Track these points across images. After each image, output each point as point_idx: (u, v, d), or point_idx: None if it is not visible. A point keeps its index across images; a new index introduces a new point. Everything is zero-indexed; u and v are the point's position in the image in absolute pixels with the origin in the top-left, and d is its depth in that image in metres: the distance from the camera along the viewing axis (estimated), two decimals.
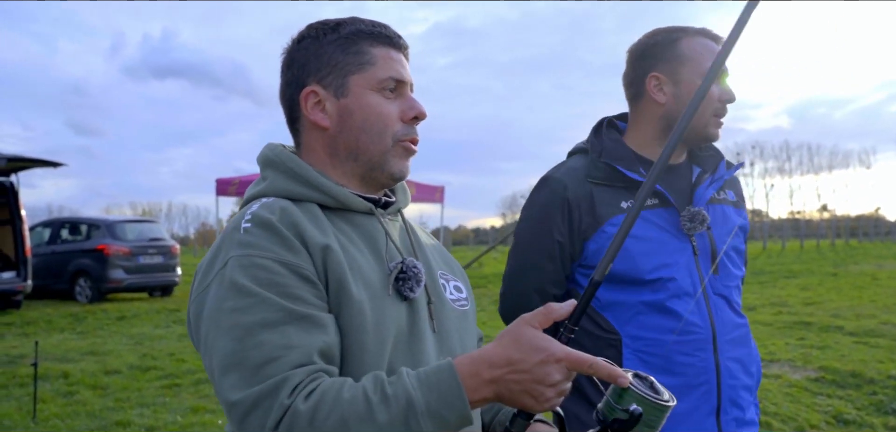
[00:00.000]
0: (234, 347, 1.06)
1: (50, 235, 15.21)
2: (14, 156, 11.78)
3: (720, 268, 1.86)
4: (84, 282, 14.05)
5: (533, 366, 1.06)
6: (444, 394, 1.04)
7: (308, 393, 1.03)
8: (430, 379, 1.05)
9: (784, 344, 8.25)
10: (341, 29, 1.29)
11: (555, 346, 1.08)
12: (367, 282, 1.20)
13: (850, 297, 13.01)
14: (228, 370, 1.06)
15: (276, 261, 1.12)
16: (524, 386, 1.07)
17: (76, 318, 11.36)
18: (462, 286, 1.44)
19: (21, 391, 6.35)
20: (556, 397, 1.09)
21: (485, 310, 11.35)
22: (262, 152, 1.33)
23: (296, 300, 1.10)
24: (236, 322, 1.07)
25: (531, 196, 1.99)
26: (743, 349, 1.89)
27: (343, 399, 1.02)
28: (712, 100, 1.81)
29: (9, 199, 12.30)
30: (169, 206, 74.60)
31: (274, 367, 1.04)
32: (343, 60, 1.28)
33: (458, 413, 1.04)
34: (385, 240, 1.28)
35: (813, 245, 39.02)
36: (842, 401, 5.91)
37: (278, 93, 1.35)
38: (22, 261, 12.13)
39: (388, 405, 1.02)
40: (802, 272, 19.52)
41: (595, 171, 1.87)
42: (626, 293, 1.83)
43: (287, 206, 1.19)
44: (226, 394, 1.05)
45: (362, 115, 1.27)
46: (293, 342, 1.06)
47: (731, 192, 1.99)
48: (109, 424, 5.42)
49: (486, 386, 1.07)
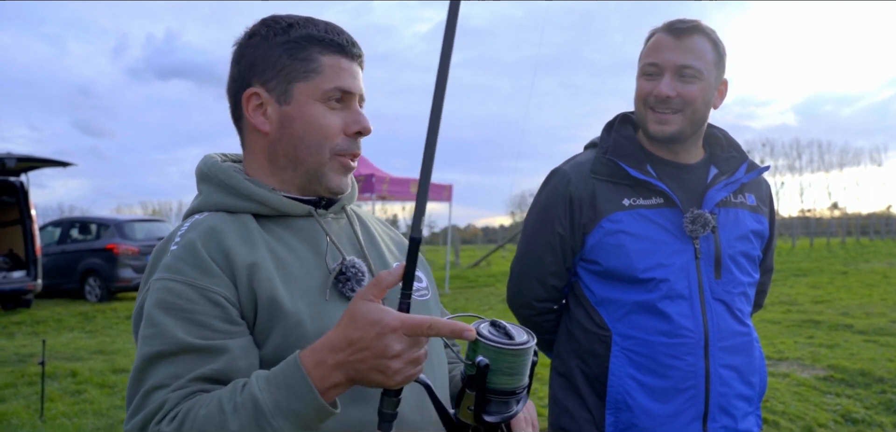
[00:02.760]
0: (134, 374, 1.11)
1: (60, 235, 15.29)
2: (24, 156, 11.84)
3: (724, 273, 1.83)
4: (94, 281, 14.12)
5: (371, 342, 1.01)
6: (291, 390, 1.02)
7: (174, 415, 1.04)
8: (278, 377, 1.04)
9: (793, 343, 8.20)
10: (292, 31, 1.25)
11: (388, 316, 1.02)
12: (305, 290, 1.19)
13: (860, 296, 12.92)
14: (129, 400, 1.11)
15: (188, 285, 1.13)
16: (369, 364, 1.02)
17: (86, 317, 11.42)
18: (422, 275, 1.40)
19: (29, 389, 6.39)
20: (408, 366, 1.03)
21: (494, 308, 11.34)
22: (198, 166, 1.32)
23: (197, 327, 1.12)
24: (141, 350, 1.12)
25: (540, 188, 2.01)
26: (741, 357, 1.85)
27: (199, 416, 1.03)
28: None
29: (19, 199, 12.38)
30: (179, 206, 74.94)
31: (158, 394, 1.07)
32: (289, 65, 1.24)
33: (311, 406, 1.02)
34: (326, 242, 1.26)
35: (823, 243, 38.76)
36: (850, 400, 5.87)
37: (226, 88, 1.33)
38: (32, 260, 12.20)
39: (238, 413, 1.02)
40: (812, 270, 19.40)
41: (599, 167, 1.88)
42: (621, 291, 1.83)
43: (216, 225, 1.19)
44: (125, 424, 1.10)
45: (303, 125, 1.24)
46: (180, 371, 1.09)
47: (751, 196, 1.94)
48: (116, 423, 5.44)
49: (333, 372, 1.03)
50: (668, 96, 1.79)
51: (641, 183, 1.83)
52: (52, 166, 12.87)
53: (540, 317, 2.01)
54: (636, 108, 1.89)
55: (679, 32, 1.80)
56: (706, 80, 1.81)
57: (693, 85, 1.80)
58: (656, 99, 1.81)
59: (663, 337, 1.77)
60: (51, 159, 12.63)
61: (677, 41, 1.80)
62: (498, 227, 64.11)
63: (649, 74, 1.83)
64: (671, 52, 1.80)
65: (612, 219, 1.83)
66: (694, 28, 1.81)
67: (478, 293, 14.93)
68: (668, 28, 1.82)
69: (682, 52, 1.79)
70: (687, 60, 1.79)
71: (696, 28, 1.81)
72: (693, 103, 1.80)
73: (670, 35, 1.81)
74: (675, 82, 1.79)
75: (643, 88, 1.84)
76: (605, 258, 1.83)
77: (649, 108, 1.83)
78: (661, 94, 1.79)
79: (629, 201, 1.83)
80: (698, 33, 1.81)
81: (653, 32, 1.87)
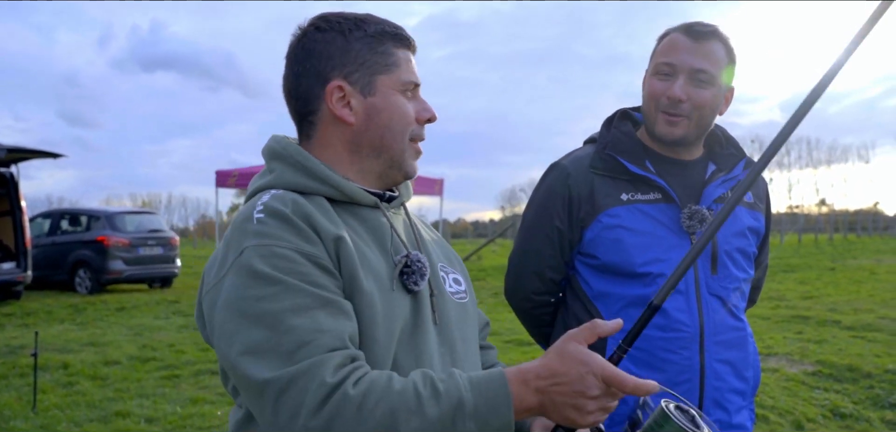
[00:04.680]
0: (265, 334, 1.06)
1: (50, 226, 15.21)
2: (14, 147, 11.75)
3: (720, 269, 1.84)
4: (84, 273, 14.06)
5: (574, 379, 1.08)
6: (492, 400, 1.07)
7: (357, 379, 1.05)
8: (482, 383, 1.08)
9: (782, 338, 8.27)
10: (366, 27, 1.30)
11: (595, 361, 1.09)
12: (376, 274, 1.21)
13: (848, 292, 13.02)
14: (257, 355, 1.05)
15: (295, 251, 1.13)
16: (567, 398, 1.08)
17: (76, 309, 11.38)
18: (461, 278, 1.45)
19: (21, 381, 6.37)
20: (599, 412, 1.10)
21: (484, 302, 11.37)
22: (268, 144, 1.33)
23: (320, 287, 1.11)
24: (263, 309, 1.07)
25: (539, 181, 2.02)
26: (736, 352, 1.87)
27: (393, 390, 1.04)
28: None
29: (9, 190, 12.30)
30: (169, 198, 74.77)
31: (308, 350, 1.05)
32: (371, 59, 1.29)
33: (502, 419, 1.07)
34: (390, 234, 1.29)
35: (811, 239, 39.01)
36: (839, 395, 5.94)
37: (285, 82, 1.34)
38: (22, 251, 12.13)
39: (439, 401, 1.05)
40: (800, 266, 19.53)
41: (598, 162, 1.88)
42: (618, 285, 1.84)
43: (298, 199, 1.20)
44: (255, 374, 1.04)
45: (388, 114, 1.29)
46: (324, 326, 1.07)
47: (748, 194, 1.94)
48: (109, 415, 5.44)
49: (531, 396, 1.09)
50: (680, 99, 1.78)
51: (640, 178, 1.84)
52: (43, 157, 12.79)
53: (537, 310, 2.02)
54: (645, 106, 1.88)
55: (697, 36, 1.79)
56: (718, 86, 1.81)
57: (706, 90, 1.79)
58: (668, 100, 1.80)
59: (659, 331, 1.78)
60: (41, 150, 12.54)
61: (695, 44, 1.78)
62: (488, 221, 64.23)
63: (663, 74, 1.81)
64: (688, 55, 1.79)
65: (611, 213, 1.84)
66: (712, 33, 1.80)
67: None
68: (687, 30, 1.80)
69: (699, 56, 1.78)
70: (703, 65, 1.78)
71: (714, 33, 1.80)
72: (702, 109, 1.80)
73: (688, 37, 1.79)
74: (689, 86, 1.78)
75: (656, 88, 1.83)
76: (603, 252, 1.84)
77: (660, 109, 1.82)
78: (674, 96, 1.78)
79: (627, 196, 1.84)
80: (716, 39, 1.80)
81: (668, 32, 1.85)
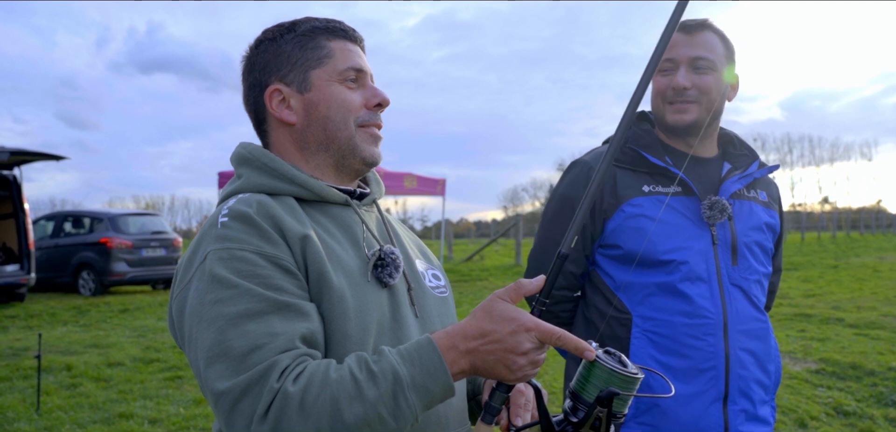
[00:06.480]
0: (218, 338, 1.08)
1: (53, 228, 15.23)
2: (17, 150, 11.77)
3: (740, 260, 1.90)
4: (87, 274, 14.08)
5: (505, 336, 1.10)
6: (426, 368, 1.08)
7: (296, 375, 1.05)
8: (412, 354, 1.09)
9: (785, 337, 8.26)
10: (297, 28, 1.33)
11: (524, 316, 1.11)
12: (347, 270, 1.23)
13: (851, 289, 13.01)
14: (213, 361, 1.07)
15: (256, 253, 1.14)
16: (498, 357, 1.10)
17: (79, 311, 11.40)
18: (439, 274, 1.49)
19: (25, 383, 6.39)
20: (529, 366, 1.12)
21: None
22: (236, 151, 1.35)
23: (277, 290, 1.13)
24: (219, 313, 1.09)
25: (560, 178, 2.06)
26: (759, 343, 1.90)
27: (331, 379, 1.05)
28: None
29: (12, 193, 12.33)
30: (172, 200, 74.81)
31: (260, 354, 1.06)
32: (302, 57, 1.31)
33: (442, 384, 1.08)
34: (362, 230, 1.32)
35: (814, 237, 38.96)
36: (842, 393, 5.93)
37: (242, 100, 1.37)
38: (25, 254, 12.16)
39: (376, 381, 1.06)
40: (803, 264, 19.51)
41: (620, 155, 1.93)
42: (641, 274, 1.88)
43: (264, 200, 1.22)
44: (212, 385, 1.07)
45: (326, 105, 1.31)
46: (277, 330, 1.09)
47: (763, 193, 2.03)
48: (113, 416, 5.45)
49: (463, 358, 1.11)
50: (684, 87, 1.88)
51: (660, 170, 1.90)
52: (45, 160, 12.81)
53: (557, 306, 2.03)
54: (654, 104, 1.97)
55: (690, 29, 1.90)
56: (719, 72, 1.90)
57: (708, 76, 1.89)
58: (674, 91, 1.89)
59: (684, 317, 1.82)
60: (44, 153, 12.56)
61: (689, 37, 1.90)
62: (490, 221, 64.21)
63: (664, 70, 1.91)
64: (684, 47, 1.89)
65: (634, 203, 1.89)
66: (704, 24, 1.91)
67: (471, 287, 14.96)
68: (679, 26, 1.88)
69: (695, 45, 1.89)
70: (700, 52, 1.89)
71: (705, 24, 1.91)
72: (708, 93, 1.89)
73: (682, 32, 1.90)
74: (691, 74, 1.88)
75: (660, 84, 1.93)
76: (626, 241, 1.88)
77: (667, 101, 1.92)
78: (678, 86, 1.88)
79: (649, 188, 1.90)
80: (708, 29, 1.91)
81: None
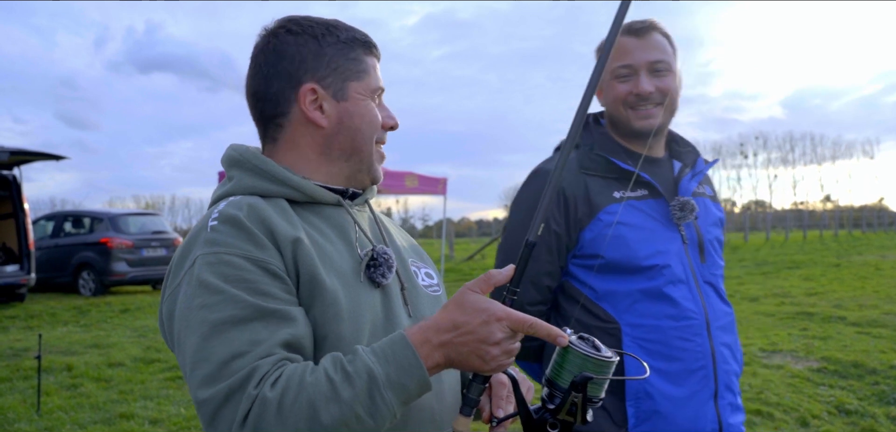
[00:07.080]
0: (202, 344, 1.08)
1: (53, 228, 15.23)
2: (17, 150, 11.77)
3: (707, 257, 1.92)
4: (87, 274, 14.08)
5: (476, 327, 1.10)
6: (401, 364, 1.08)
7: (274, 380, 1.05)
8: (386, 351, 1.09)
9: (786, 335, 8.25)
10: (338, 33, 1.33)
11: (495, 307, 1.11)
12: (339, 271, 1.23)
13: (853, 288, 13.00)
14: (197, 366, 1.08)
15: (244, 258, 1.14)
16: (471, 348, 1.11)
17: (80, 311, 11.40)
18: (433, 273, 1.49)
19: (25, 384, 6.38)
20: (503, 356, 1.12)
21: None
22: (227, 153, 1.34)
23: (263, 296, 1.13)
24: (204, 319, 1.10)
25: (522, 189, 2.01)
26: (732, 336, 1.95)
27: (307, 382, 1.05)
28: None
29: (12, 193, 12.32)
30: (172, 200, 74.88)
31: (240, 362, 1.06)
32: (343, 65, 1.32)
33: (417, 380, 1.08)
34: (355, 230, 1.32)
35: (816, 235, 38.92)
36: (844, 392, 5.92)
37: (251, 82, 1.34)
38: (25, 254, 12.15)
39: (351, 382, 1.06)
40: (805, 262, 19.49)
41: (589, 163, 1.92)
42: (623, 282, 1.85)
43: (255, 202, 1.21)
44: (195, 393, 1.08)
45: (360, 118, 1.32)
46: (259, 337, 1.09)
47: (708, 187, 2.07)
48: (113, 416, 5.44)
49: (436, 351, 1.11)
50: (649, 92, 1.88)
51: (628, 175, 1.88)
52: (45, 159, 12.80)
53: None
54: (614, 109, 1.95)
55: (640, 32, 1.89)
56: (674, 72, 1.92)
57: (667, 78, 1.90)
58: (637, 97, 1.88)
59: (671, 321, 1.83)
60: (44, 153, 12.55)
61: (641, 41, 1.89)
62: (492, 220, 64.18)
63: (622, 77, 1.90)
64: (640, 52, 1.89)
65: (609, 211, 1.86)
66: (651, 25, 1.91)
67: None
68: (628, 29, 1.89)
69: (650, 49, 1.89)
70: (657, 56, 1.89)
71: (653, 25, 1.91)
72: (670, 94, 1.90)
73: (632, 36, 1.89)
74: (652, 78, 1.88)
75: (620, 91, 1.91)
76: (607, 250, 1.85)
77: (629, 107, 1.90)
78: (643, 92, 1.87)
79: (620, 194, 1.89)
80: (656, 30, 1.91)
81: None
